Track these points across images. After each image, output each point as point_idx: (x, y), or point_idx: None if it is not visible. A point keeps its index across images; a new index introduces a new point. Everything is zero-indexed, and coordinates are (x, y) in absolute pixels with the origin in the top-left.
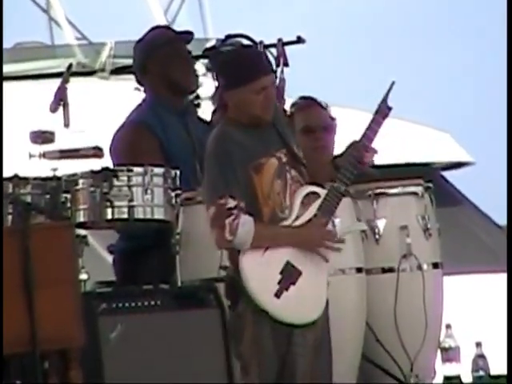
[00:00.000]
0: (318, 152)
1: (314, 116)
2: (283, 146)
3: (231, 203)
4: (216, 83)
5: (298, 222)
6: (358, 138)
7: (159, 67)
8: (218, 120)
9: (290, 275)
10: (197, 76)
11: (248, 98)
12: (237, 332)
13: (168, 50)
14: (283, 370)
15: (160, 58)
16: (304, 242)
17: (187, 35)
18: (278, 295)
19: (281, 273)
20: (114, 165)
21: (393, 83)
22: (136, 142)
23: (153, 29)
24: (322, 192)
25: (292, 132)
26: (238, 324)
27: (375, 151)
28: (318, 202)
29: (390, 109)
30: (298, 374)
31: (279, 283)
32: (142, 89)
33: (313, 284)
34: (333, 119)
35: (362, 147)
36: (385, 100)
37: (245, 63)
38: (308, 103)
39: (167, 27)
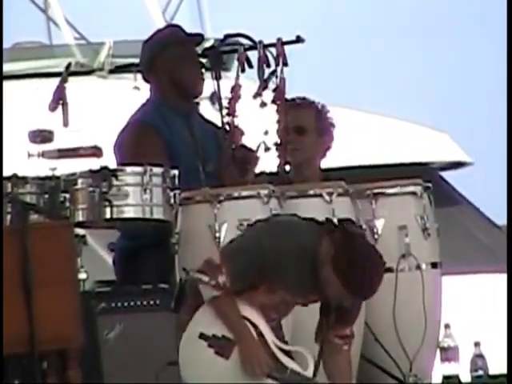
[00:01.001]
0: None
1: (304, 116)
2: None
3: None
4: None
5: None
6: None
7: (168, 66)
8: None
9: (222, 345)
10: (203, 79)
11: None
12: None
13: (179, 51)
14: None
15: (170, 57)
16: (245, 353)
17: (198, 37)
18: (202, 337)
19: (223, 336)
20: (118, 163)
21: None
22: (142, 141)
23: (164, 28)
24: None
25: None
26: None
27: None
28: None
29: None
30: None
31: (213, 336)
32: (142, 88)
33: (223, 375)
34: (328, 119)
35: None
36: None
37: None
38: (300, 103)
39: (179, 27)
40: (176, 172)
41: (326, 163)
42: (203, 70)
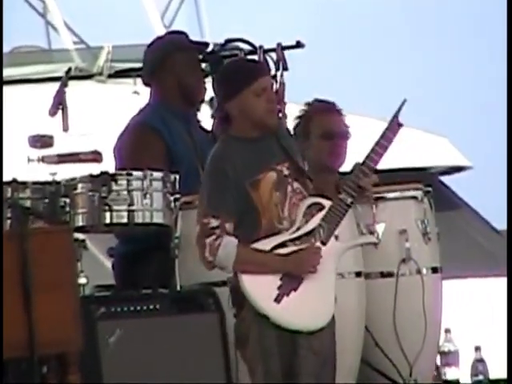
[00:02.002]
0: (333, 158)
1: (333, 122)
2: (286, 159)
3: (213, 223)
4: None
5: (297, 234)
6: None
7: (175, 71)
8: (220, 134)
9: (290, 281)
10: (206, 87)
11: (250, 102)
12: (242, 336)
13: (186, 57)
14: (289, 371)
15: (177, 62)
16: (292, 270)
17: (204, 46)
18: (278, 300)
19: (281, 278)
20: (117, 166)
21: (404, 101)
22: (142, 144)
23: (172, 32)
24: (327, 203)
25: (294, 144)
26: (243, 328)
27: (375, 179)
28: (323, 212)
29: (400, 125)
30: (303, 376)
31: (279, 288)
32: (141, 92)
33: (316, 292)
34: (347, 126)
35: (360, 172)
36: (396, 116)
37: (240, 69)
38: (328, 107)
39: (185, 34)
40: (176, 176)
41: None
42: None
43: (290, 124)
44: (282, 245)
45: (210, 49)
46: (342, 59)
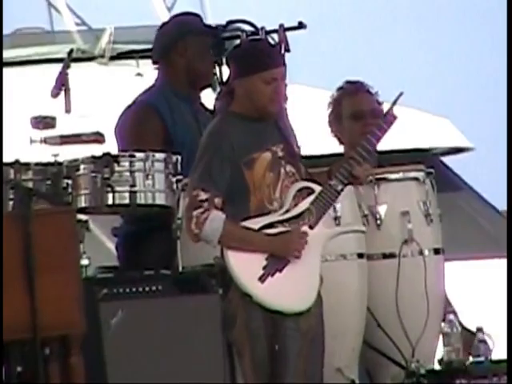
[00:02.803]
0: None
1: (362, 101)
2: (281, 141)
3: (202, 196)
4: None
5: (286, 216)
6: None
7: (186, 55)
8: (220, 109)
9: (275, 262)
10: (214, 73)
11: (257, 87)
12: (229, 317)
13: (198, 41)
14: (275, 352)
15: (191, 45)
16: (277, 252)
17: (217, 31)
18: (262, 280)
19: (266, 259)
20: (117, 144)
21: (400, 94)
22: (141, 122)
23: (186, 14)
24: (317, 188)
25: (292, 130)
26: (230, 309)
27: (367, 168)
28: (312, 197)
29: (395, 118)
30: (290, 357)
31: (264, 268)
32: (144, 74)
33: (301, 273)
34: (380, 104)
35: (354, 161)
36: (391, 108)
37: (258, 53)
38: (356, 87)
39: (199, 17)
40: (179, 158)
41: (328, 150)
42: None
43: (293, 106)
44: (271, 225)
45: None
46: (343, 41)
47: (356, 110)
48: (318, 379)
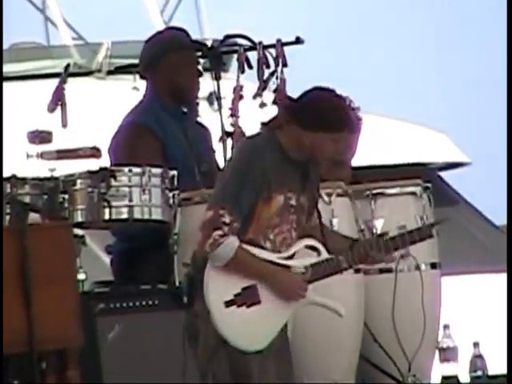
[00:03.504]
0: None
1: None
2: (299, 190)
3: (227, 218)
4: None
5: (285, 262)
6: None
7: (170, 69)
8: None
9: (248, 296)
10: (199, 87)
11: (322, 144)
12: (193, 334)
13: (181, 56)
14: (238, 376)
15: (171, 62)
16: (278, 286)
17: (202, 46)
18: (227, 304)
19: (243, 289)
20: (112, 165)
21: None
22: (136, 143)
23: (169, 29)
24: (324, 253)
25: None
26: (194, 325)
27: (386, 259)
28: (314, 259)
29: (431, 236)
30: (254, 380)
31: (236, 296)
32: (141, 88)
33: (264, 320)
34: (359, 120)
35: (376, 246)
36: (431, 225)
37: (339, 111)
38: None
39: (184, 31)
40: (175, 173)
41: None
42: (202, 70)
43: None
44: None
45: (209, 44)
46: (341, 55)
47: None
48: None
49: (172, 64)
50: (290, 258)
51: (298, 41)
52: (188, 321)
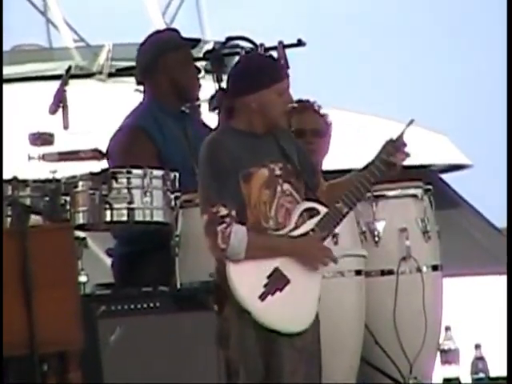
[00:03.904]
0: None
1: (306, 120)
2: (280, 159)
3: (223, 211)
4: (217, 87)
5: (293, 234)
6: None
7: (169, 70)
8: (218, 125)
9: (277, 281)
10: (200, 84)
11: (272, 100)
12: (224, 335)
13: (178, 55)
14: (269, 372)
15: (171, 60)
16: (301, 254)
17: (195, 42)
18: (262, 298)
19: (268, 277)
20: (111, 168)
21: (411, 121)
22: (132, 146)
23: (162, 31)
24: (322, 209)
25: (295, 146)
26: (225, 328)
27: (407, 154)
28: (317, 218)
29: (405, 145)
30: (284, 375)
31: (265, 286)
32: (143, 91)
33: (301, 295)
34: (328, 124)
35: (392, 148)
36: (401, 136)
37: (268, 65)
38: (304, 106)
39: (176, 31)
40: (176, 175)
41: (325, 166)
42: (204, 73)
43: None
44: None
45: (210, 47)
46: (342, 58)
47: (298, 127)
48: None
49: (171, 63)
50: (295, 228)
51: (300, 43)
52: (219, 325)
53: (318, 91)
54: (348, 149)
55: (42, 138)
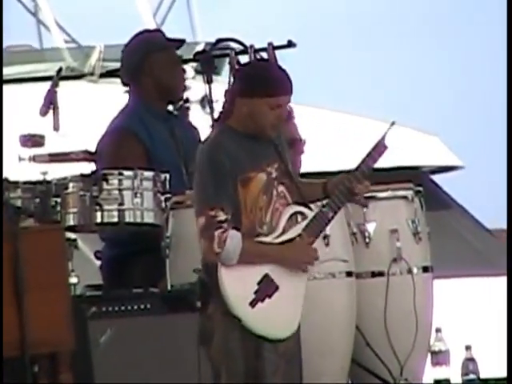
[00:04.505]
0: None
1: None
2: (276, 160)
3: (222, 216)
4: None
5: (280, 239)
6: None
7: (155, 71)
8: (218, 123)
9: (266, 287)
10: (185, 85)
11: (261, 111)
12: (207, 335)
13: (165, 55)
14: (251, 375)
15: (157, 61)
16: (289, 260)
17: (180, 42)
18: (252, 305)
19: (258, 283)
20: (100, 170)
21: (392, 123)
22: (120, 147)
23: (142, 32)
24: (309, 213)
25: (287, 147)
26: (208, 326)
27: (368, 185)
28: (304, 222)
29: (386, 147)
30: (267, 378)
31: (255, 293)
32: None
33: (288, 300)
34: (301, 141)
35: (354, 178)
36: (383, 138)
37: (268, 76)
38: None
39: (160, 31)
40: (167, 176)
41: (316, 168)
42: (193, 74)
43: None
44: None
45: (201, 48)
46: (333, 59)
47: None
48: None
49: (157, 64)
50: (282, 233)
51: (290, 44)
52: (201, 323)
53: (307, 92)
54: (338, 151)
55: (32, 140)
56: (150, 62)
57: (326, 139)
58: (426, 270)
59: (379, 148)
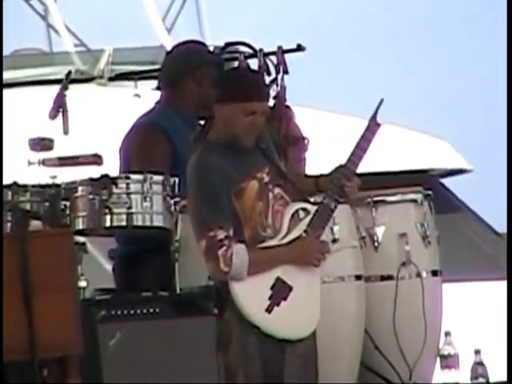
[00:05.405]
0: None
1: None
2: (265, 164)
3: (221, 234)
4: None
5: (286, 239)
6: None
7: (205, 84)
8: (198, 137)
9: (280, 291)
10: None
11: (234, 117)
12: (224, 340)
13: (212, 72)
14: (273, 376)
15: (208, 76)
16: (299, 257)
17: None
18: (269, 311)
19: (271, 288)
20: (124, 166)
21: (381, 101)
22: (151, 143)
23: (196, 42)
24: (312, 208)
25: (275, 145)
26: (225, 332)
27: (357, 183)
28: (308, 218)
29: (379, 125)
30: (285, 381)
31: (270, 299)
32: (142, 95)
33: (304, 299)
34: (304, 139)
35: (343, 176)
36: (374, 117)
37: (244, 82)
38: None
39: (205, 46)
40: (176, 180)
41: (325, 171)
42: None
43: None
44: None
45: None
46: (341, 63)
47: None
48: None
49: (207, 78)
50: (288, 233)
51: (299, 48)
52: (220, 329)
53: (316, 96)
54: (347, 154)
55: (41, 143)
56: (201, 73)
57: (337, 143)
58: (435, 273)
59: (372, 127)
